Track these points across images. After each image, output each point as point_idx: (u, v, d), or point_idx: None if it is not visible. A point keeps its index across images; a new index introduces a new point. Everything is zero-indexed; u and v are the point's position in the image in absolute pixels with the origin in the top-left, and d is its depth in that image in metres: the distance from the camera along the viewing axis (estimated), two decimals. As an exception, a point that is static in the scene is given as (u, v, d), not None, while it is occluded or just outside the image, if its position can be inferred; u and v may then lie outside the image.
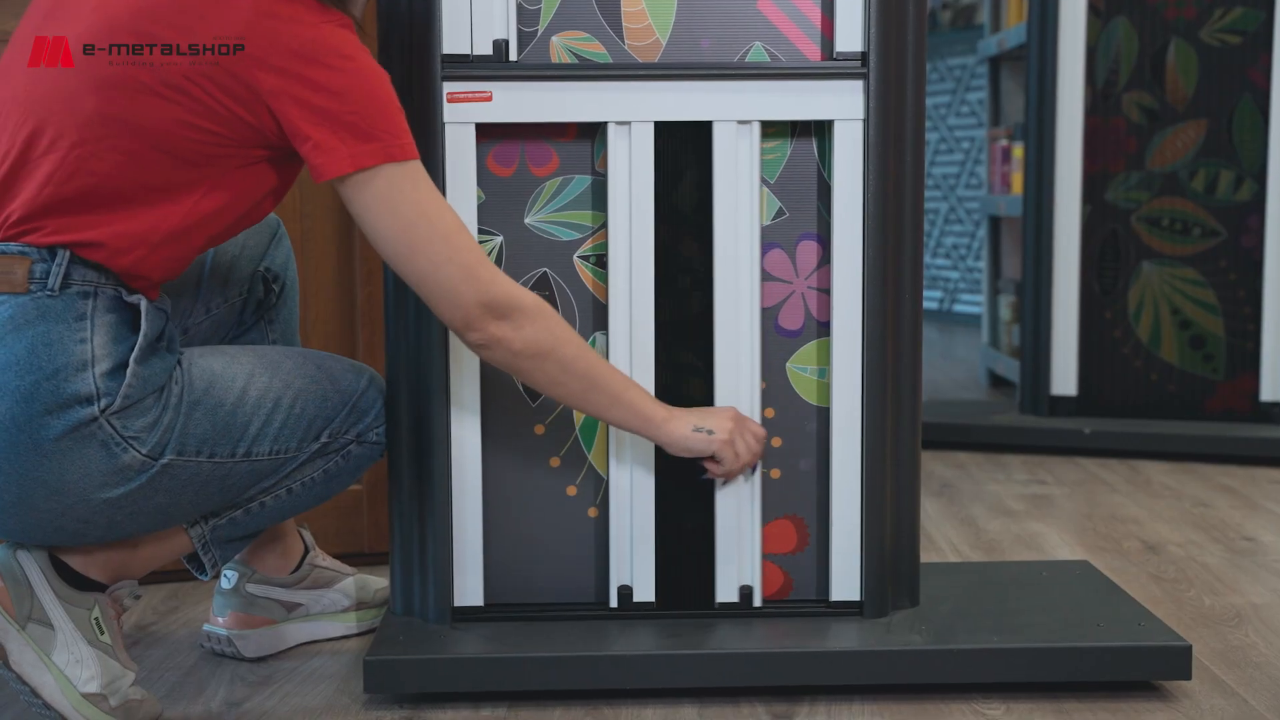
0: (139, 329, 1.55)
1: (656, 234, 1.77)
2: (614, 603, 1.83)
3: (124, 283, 1.56)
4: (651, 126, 1.75)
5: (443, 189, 1.74)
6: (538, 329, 1.63)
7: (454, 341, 1.77)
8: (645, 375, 1.78)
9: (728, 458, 1.74)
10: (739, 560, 1.82)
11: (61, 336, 1.51)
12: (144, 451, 1.55)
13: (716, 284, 1.78)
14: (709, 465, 1.76)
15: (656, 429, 1.71)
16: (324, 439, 1.69)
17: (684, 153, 1.78)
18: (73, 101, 1.52)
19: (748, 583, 1.82)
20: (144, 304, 1.56)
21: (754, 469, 1.79)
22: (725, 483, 1.79)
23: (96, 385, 1.52)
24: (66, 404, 1.51)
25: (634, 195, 1.76)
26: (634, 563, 1.82)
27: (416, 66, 1.73)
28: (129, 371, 1.53)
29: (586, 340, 1.76)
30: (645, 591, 1.82)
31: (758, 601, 1.83)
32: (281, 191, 1.65)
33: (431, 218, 1.57)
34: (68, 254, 1.52)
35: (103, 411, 1.52)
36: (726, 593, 1.82)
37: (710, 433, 1.72)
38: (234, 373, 1.63)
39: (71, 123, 1.52)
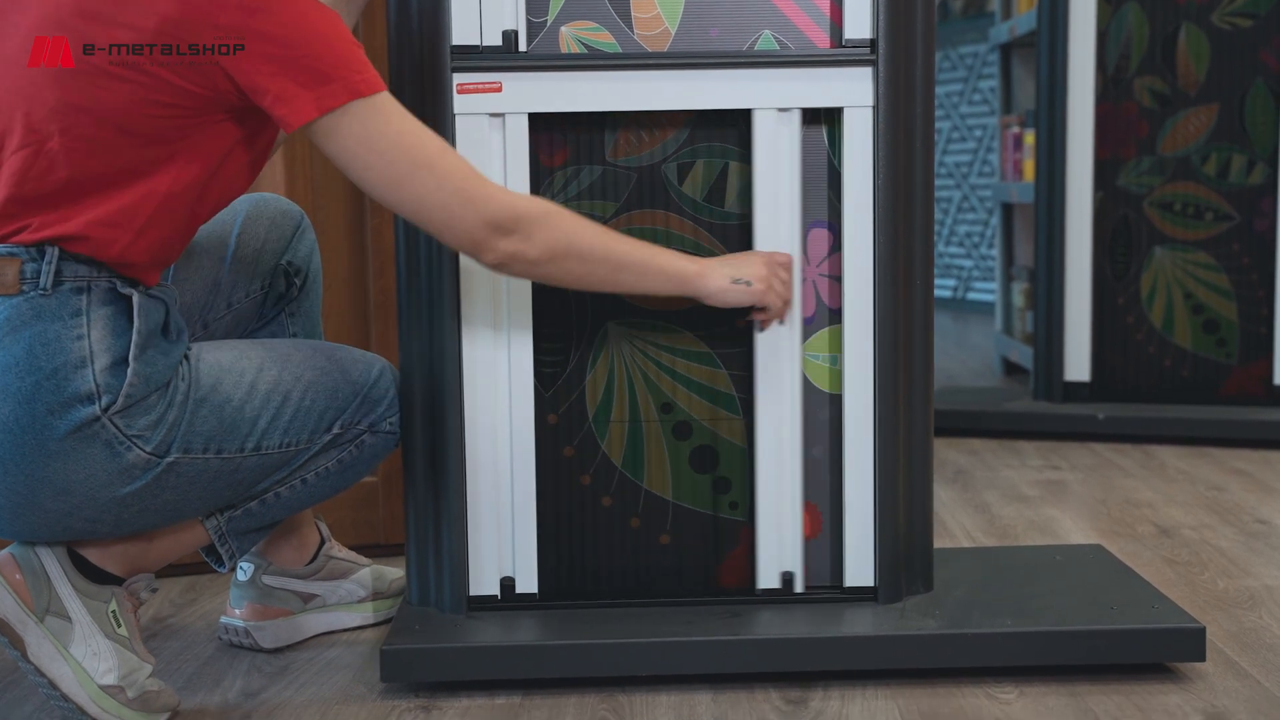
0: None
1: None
2: (630, 590, 1.84)
3: (118, 274, 1.55)
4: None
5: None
6: (549, 232, 1.60)
7: (467, 333, 1.78)
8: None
9: (774, 304, 1.73)
10: (780, 546, 1.82)
11: (58, 335, 1.51)
12: (148, 450, 1.56)
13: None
14: (755, 315, 1.76)
15: (693, 286, 1.70)
16: (336, 430, 1.70)
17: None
18: (34, 96, 1.51)
19: (789, 569, 1.83)
20: (136, 296, 1.55)
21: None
22: (764, 327, 1.79)
23: (97, 382, 1.52)
24: (68, 403, 1.51)
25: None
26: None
27: (426, 58, 1.74)
28: (130, 370, 1.53)
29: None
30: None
31: (799, 588, 1.83)
32: (260, 153, 1.61)
33: (411, 148, 1.54)
34: (56, 251, 1.52)
35: (105, 411, 1.52)
36: (768, 579, 1.83)
37: (748, 283, 1.71)
38: (242, 367, 1.63)
39: (36, 117, 1.51)
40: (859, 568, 1.83)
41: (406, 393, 1.78)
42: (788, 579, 1.83)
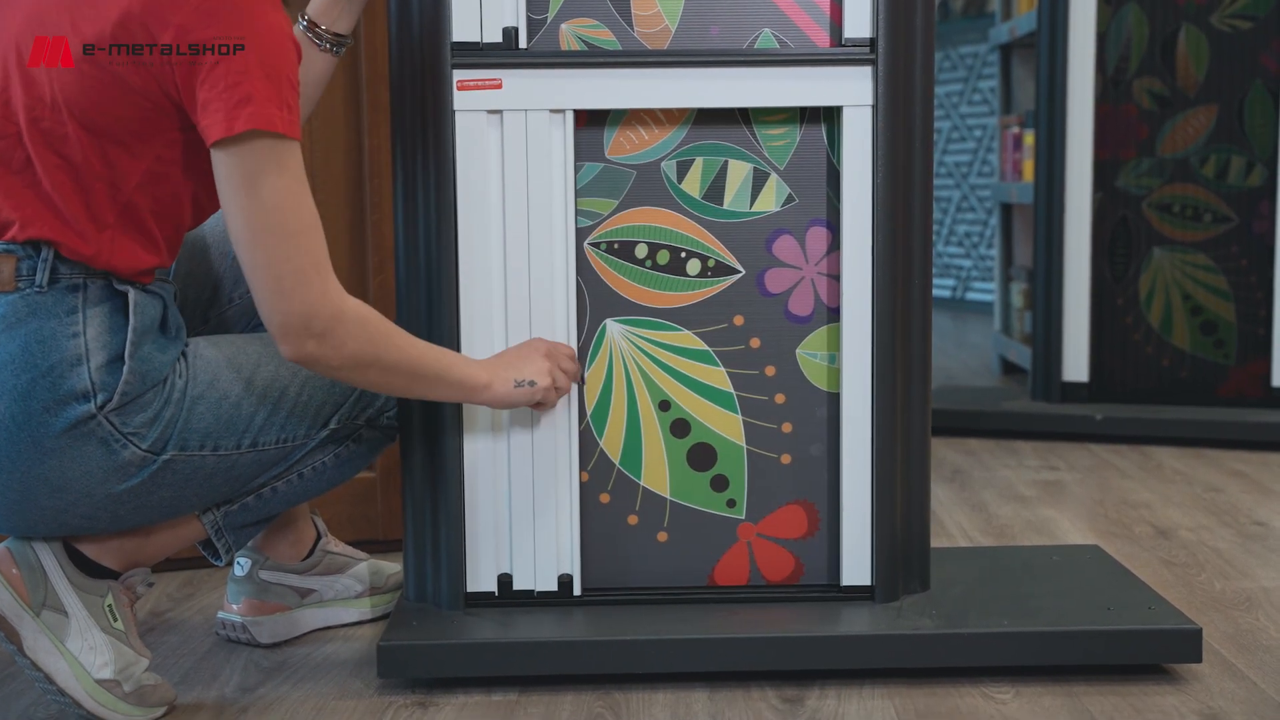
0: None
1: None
2: (627, 587, 1.84)
3: (112, 272, 1.56)
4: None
5: (453, 176, 1.75)
6: (358, 345, 1.56)
7: (466, 328, 1.78)
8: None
9: (550, 400, 1.76)
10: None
11: (54, 332, 1.51)
12: (144, 447, 1.56)
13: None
14: (535, 408, 1.78)
15: (481, 396, 1.70)
16: (333, 424, 1.70)
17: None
18: (5, 90, 1.52)
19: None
20: (132, 293, 1.55)
21: (581, 381, 1.81)
22: (550, 406, 1.80)
23: (92, 380, 1.52)
24: (64, 400, 1.51)
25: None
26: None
27: (427, 54, 1.74)
28: (125, 368, 1.53)
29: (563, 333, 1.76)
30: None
31: (845, 585, 1.84)
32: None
33: (286, 209, 1.50)
34: (52, 249, 1.52)
35: (100, 408, 1.52)
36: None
37: (532, 383, 1.72)
38: (239, 363, 1.63)
39: (6, 115, 1.52)
40: (856, 567, 1.83)
41: (405, 389, 1.78)
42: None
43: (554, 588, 1.84)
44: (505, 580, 1.83)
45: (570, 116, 1.76)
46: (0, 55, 1.53)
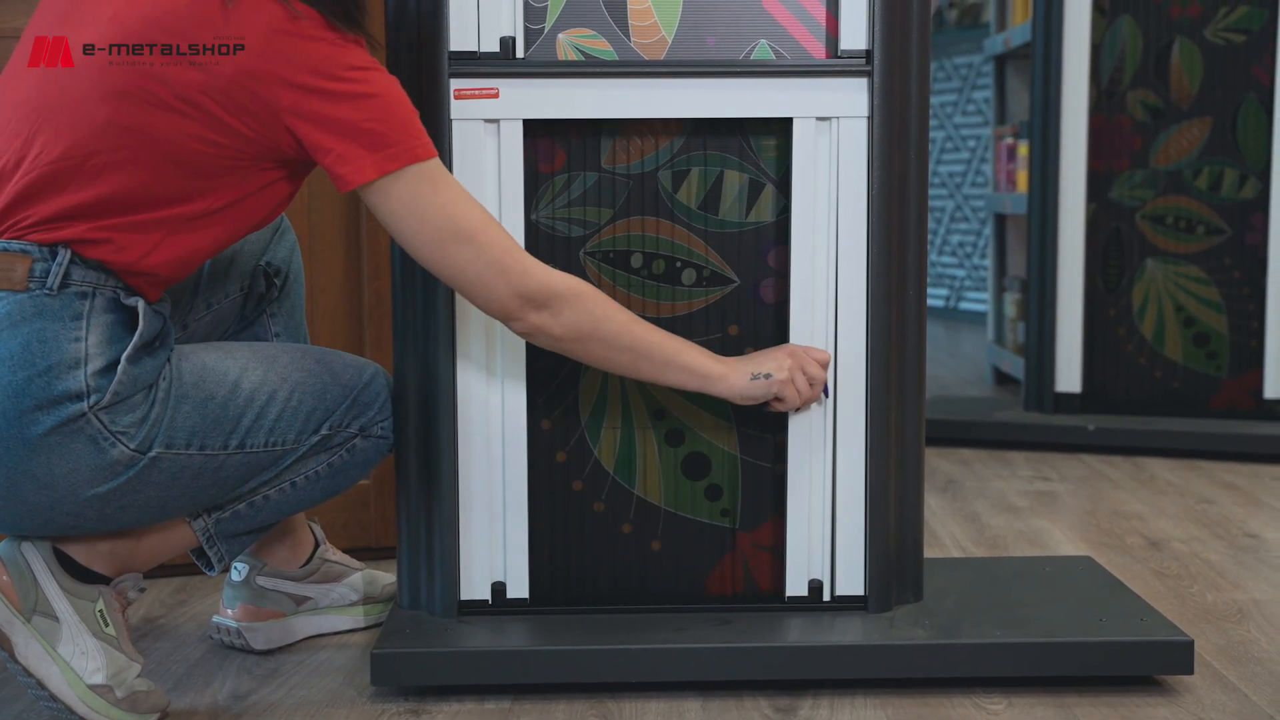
0: (135, 329, 1.56)
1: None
2: (621, 596, 1.84)
3: (124, 283, 1.57)
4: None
5: (449, 185, 1.75)
6: (576, 313, 1.65)
7: (460, 337, 1.78)
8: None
9: (790, 396, 1.76)
10: (809, 554, 1.83)
11: (56, 334, 1.52)
12: (132, 446, 1.56)
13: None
14: (774, 405, 1.78)
15: (715, 385, 1.73)
16: (324, 431, 1.70)
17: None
18: (83, 109, 1.53)
19: (817, 576, 1.84)
20: (142, 305, 1.57)
21: (826, 393, 1.80)
22: (798, 411, 1.81)
23: (87, 383, 1.53)
24: (57, 400, 1.52)
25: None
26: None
27: (424, 63, 1.74)
28: (119, 369, 1.54)
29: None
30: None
31: (828, 596, 1.84)
32: (289, 201, 1.67)
33: (456, 218, 1.59)
34: (69, 253, 1.53)
35: (91, 407, 1.53)
36: (796, 587, 1.84)
37: (769, 376, 1.74)
38: (226, 366, 1.64)
39: (84, 131, 1.53)
40: (849, 577, 1.84)
41: (400, 396, 1.79)
42: (815, 587, 1.84)
43: (547, 596, 1.84)
44: (499, 588, 1.83)
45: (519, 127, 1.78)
46: (88, 79, 1.55)
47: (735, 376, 1.74)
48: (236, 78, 1.52)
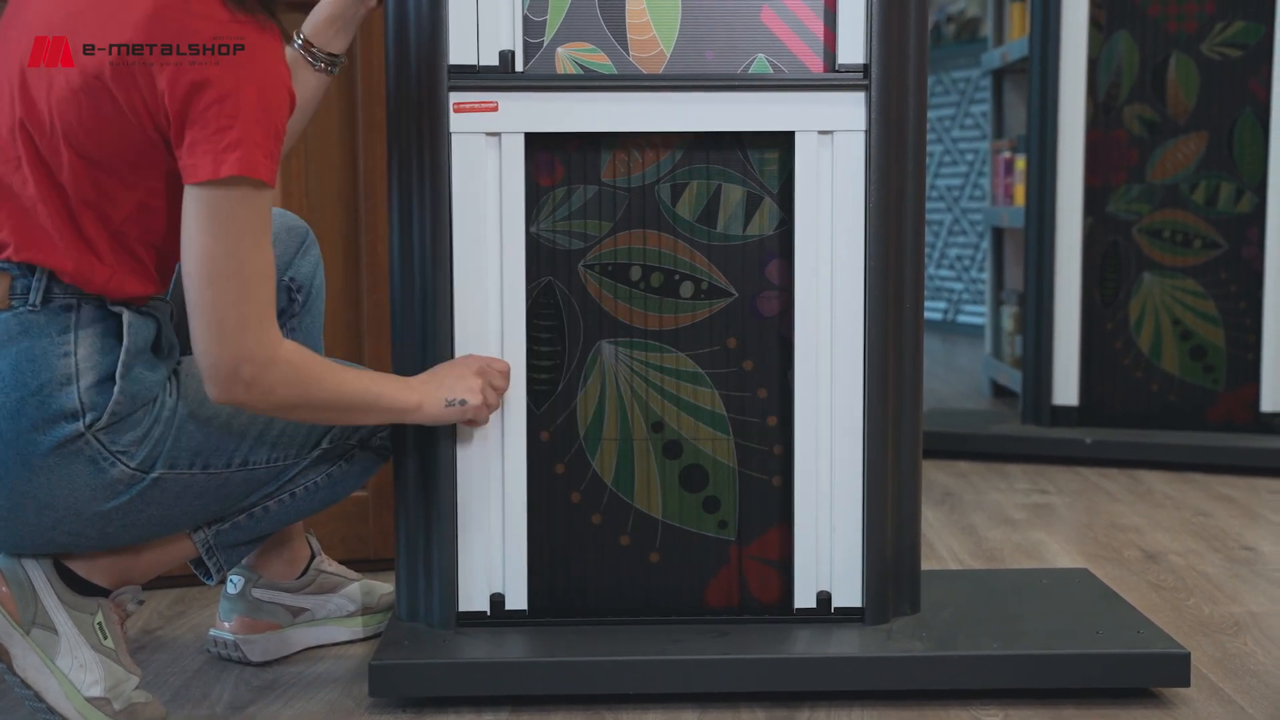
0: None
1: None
2: (619, 608, 1.84)
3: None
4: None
5: (449, 197, 1.76)
6: (286, 390, 1.55)
7: (459, 349, 1.78)
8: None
9: (481, 419, 1.77)
10: (816, 566, 1.84)
11: (45, 351, 1.52)
12: (133, 465, 1.56)
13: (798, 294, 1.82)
14: (467, 424, 1.78)
15: (412, 417, 1.70)
16: (325, 444, 1.70)
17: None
18: (10, 113, 1.52)
19: (825, 588, 1.84)
20: (127, 315, 1.56)
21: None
22: (481, 423, 1.80)
23: (82, 400, 1.52)
24: (52, 419, 1.51)
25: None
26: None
27: (424, 76, 1.75)
28: (116, 388, 1.53)
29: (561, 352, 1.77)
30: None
31: (835, 607, 1.85)
32: None
33: (245, 256, 1.50)
34: (47, 270, 1.53)
35: (89, 427, 1.53)
36: (804, 599, 1.84)
37: (463, 402, 1.72)
38: None
39: (10, 139, 1.52)
40: (847, 589, 1.84)
41: (398, 408, 1.79)
42: (824, 598, 1.84)
43: (546, 608, 1.85)
44: (497, 600, 1.83)
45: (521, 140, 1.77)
46: (7, 80, 1.54)
47: (429, 405, 1.70)
48: (128, 57, 1.47)
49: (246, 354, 1.51)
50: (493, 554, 1.83)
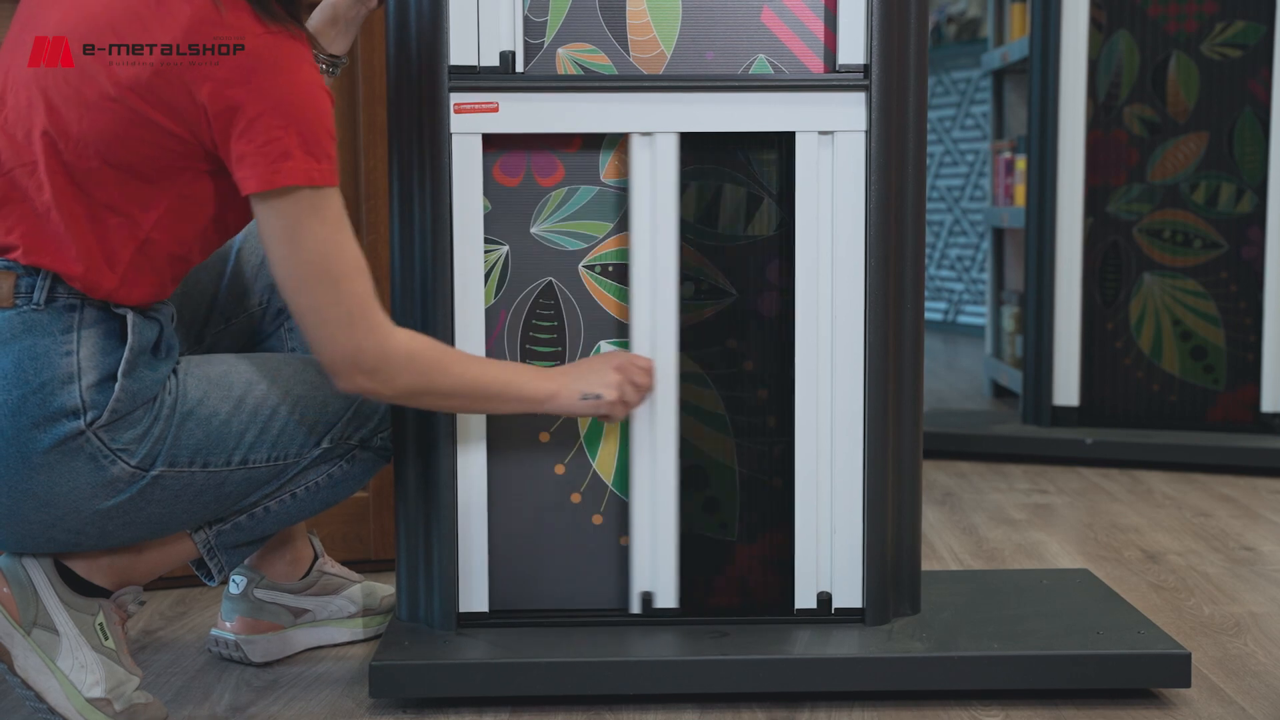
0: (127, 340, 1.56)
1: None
2: (634, 608, 1.84)
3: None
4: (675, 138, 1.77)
5: (449, 199, 1.76)
6: (409, 378, 1.60)
7: (461, 349, 1.78)
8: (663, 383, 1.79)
9: (617, 415, 1.76)
10: (817, 566, 1.84)
11: (48, 350, 1.52)
12: (133, 463, 1.56)
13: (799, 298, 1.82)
14: (602, 419, 1.78)
15: (545, 407, 1.71)
16: (326, 444, 1.71)
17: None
18: (28, 119, 1.52)
19: (826, 589, 1.84)
20: (131, 316, 1.56)
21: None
22: (617, 419, 1.80)
23: (83, 398, 1.52)
24: (53, 417, 1.52)
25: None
26: (655, 569, 1.83)
27: (424, 77, 1.75)
28: (117, 386, 1.53)
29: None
30: (665, 598, 1.84)
31: (836, 607, 1.85)
32: (245, 205, 1.59)
33: (329, 256, 1.53)
34: (52, 272, 1.53)
35: (89, 425, 1.53)
36: (805, 599, 1.84)
37: (598, 396, 1.73)
38: (231, 380, 1.64)
39: (27, 143, 1.52)
40: (847, 589, 1.84)
41: (399, 408, 1.79)
42: (824, 599, 1.84)
43: (546, 608, 1.85)
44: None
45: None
46: (25, 86, 1.54)
47: (564, 396, 1.71)
48: (163, 70, 1.48)
49: (356, 346, 1.56)
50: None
